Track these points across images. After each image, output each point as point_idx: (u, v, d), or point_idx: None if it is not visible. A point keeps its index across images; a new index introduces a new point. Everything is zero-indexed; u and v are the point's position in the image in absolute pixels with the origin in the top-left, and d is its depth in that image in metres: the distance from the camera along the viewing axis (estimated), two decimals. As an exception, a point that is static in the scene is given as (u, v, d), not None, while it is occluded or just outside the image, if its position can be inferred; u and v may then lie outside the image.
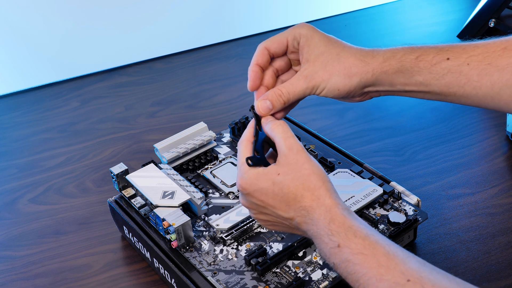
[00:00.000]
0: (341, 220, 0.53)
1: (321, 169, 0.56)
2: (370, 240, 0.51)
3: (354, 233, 0.52)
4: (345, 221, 0.53)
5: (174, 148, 0.77)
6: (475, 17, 1.09)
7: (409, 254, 0.51)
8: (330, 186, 0.55)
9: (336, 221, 0.53)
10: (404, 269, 0.49)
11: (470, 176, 0.82)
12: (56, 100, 1.06)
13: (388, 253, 0.50)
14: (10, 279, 0.73)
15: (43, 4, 1.08)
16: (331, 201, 0.54)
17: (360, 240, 0.51)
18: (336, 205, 0.54)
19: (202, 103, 1.03)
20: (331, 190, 0.55)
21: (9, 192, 0.87)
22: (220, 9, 1.20)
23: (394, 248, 0.51)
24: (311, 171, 0.56)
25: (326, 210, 0.54)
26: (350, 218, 0.53)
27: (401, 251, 0.51)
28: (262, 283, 0.62)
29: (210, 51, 1.17)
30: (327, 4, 1.26)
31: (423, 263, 0.50)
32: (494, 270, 0.69)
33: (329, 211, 0.54)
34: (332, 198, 0.55)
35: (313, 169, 0.56)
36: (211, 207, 0.72)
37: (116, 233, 0.78)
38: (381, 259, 0.50)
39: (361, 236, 0.51)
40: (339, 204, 0.54)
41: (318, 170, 0.56)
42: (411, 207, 0.69)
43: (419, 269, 0.49)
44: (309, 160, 0.56)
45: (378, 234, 0.52)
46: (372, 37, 1.18)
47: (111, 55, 1.14)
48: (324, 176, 0.56)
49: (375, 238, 0.51)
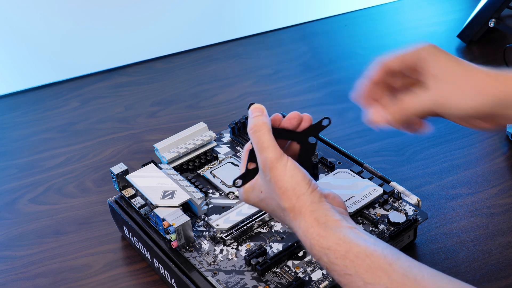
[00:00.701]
0: (319, 243, 0.53)
1: (295, 179, 0.55)
2: (350, 259, 0.51)
3: (334, 255, 0.52)
4: (322, 243, 0.52)
5: (174, 148, 0.77)
6: (475, 17, 1.09)
7: (394, 257, 0.50)
8: (305, 200, 0.54)
9: (315, 245, 0.53)
10: (388, 283, 0.49)
11: (470, 176, 0.82)
12: (56, 100, 1.06)
13: (370, 267, 0.50)
14: (10, 279, 0.73)
15: (43, 4, 1.08)
16: (304, 221, 0.54)
17: (340, 261, 0.51)
18: (310, 225, 0.53)
19: (202, 103, 1.03)
20: (306, 205, 0.54)
21: (9, 192, 0.87)
22: (220, 9, 1.20)
23: (376, 256, 0.50)
24: (285, 188, 0.55)
25: (304, 234, 0.54)
26: (327, 236, 0.52)
27: (384, 258, 0.50)
28: (262, 283, 0.62)
29: (210, 51, 1.17)
30: (327, 4, 1.26)
31: (409, 266, 0.50)
32: (494, 270, 0.69)
33: (306, 236, 0.54)
34: (306, 216, 0.54)
35: (286, 186, 0.55)
36: (211, 207, 0.72)
37: (116, 233, 0.78)
38: (365, 276, 0.50)
39: (340, 257, 0.51)
40: (314, 221, 0.53)
41: (291, 184, 0.54)
42: (411, 207, 0.69)
43: (403, 274, 0.49)
44: (281, 175, 0.55)
45: (358, 244, 0.51)
46: (372, 37, 1.18)
47: (111, 55, 1.14)
48: (298, 189, 0.54)
49: (354, 253, 0.51)
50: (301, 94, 1.02)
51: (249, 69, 1.11)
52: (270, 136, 0.56)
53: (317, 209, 0.54)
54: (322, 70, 1.09)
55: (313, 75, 1.08)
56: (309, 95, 1.02)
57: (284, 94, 1.03)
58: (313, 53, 1.14)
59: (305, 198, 0.54)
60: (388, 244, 0.53)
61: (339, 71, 1.08)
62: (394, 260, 0.50)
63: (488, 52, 1.09)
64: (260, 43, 1.19)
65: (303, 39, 1.19)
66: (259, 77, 1.08)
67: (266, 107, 0.93)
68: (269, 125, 0.57)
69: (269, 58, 1.14)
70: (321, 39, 1.19)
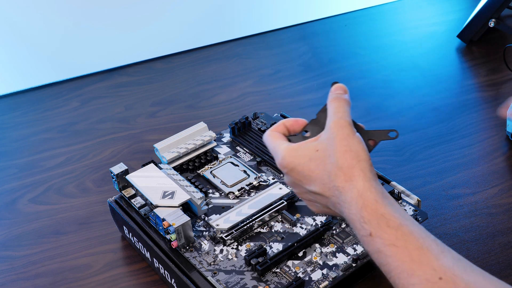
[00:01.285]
0: (374, 206, 0.51)
1: (360, 146, 0.54)
2: (403, 231, 0.49)
3: (386, 223, 0.50)
4: (378, 208, 0.51)
5: (174, 148, 0.76)
6: (475, 17, 1.09)
7: (445, 248, 0.49)
8: (365, 166, 0.53)
9: (368, 207, 0.51)
10: (436, 266, 0.47)
11: (470, 176, 0.82)
12: (56, 100, 1.06)
13: (422, 246, 0.48)
14: (10, 279, 0.73)
15: (43, 4, 1.08)
16: (363, 183, 0.52)
17: (392, 230, 0.49)
18: (369, 188, 0.52)
19: (202, 103, 1.03)
20: (366, 170, 0.53)
21: (9, 192, 0.87)
22: (220, 9, 1.20)
23: (429, 241, 0.49)
24: (348, 148, 0.53)
25: (358, 194, 0.52)
26: (384, 204, 0.51)
27: (436, 245, 0.49)
28: (262, 283, 0.62)
29: (210, 51, 1.17)
30: (327, 4, 1.26)
31: (458, 260, 0.48)
32: (494, 270, 0.69)
33: (361, 196, 0.52)
34: (365, 179, 0.52)
35: (351, 146, 0.53)
36: (211, 207, 0.72)
37: (116, 233, 0.78)
38: (413, 253, 0.48)
39: (394, 226, 0.50)
40: (373, 187, 0.52)
41: (356, 147, 0.53)
42: (411, 207, 0.69)
43: (453, 266, 0.47)
44: (349, 136, 0.54)
45: (412, 224, 0.50)
46: (372, 37, 1.18)
47: (111, 55, 1.14)
48: (361, 154, 0.53)
49: (409, 229, 0.50)
50: (301, 94, 1.02)
51: (249, 69, 1.11)
52: (348, 109, 0.57)
53: (375, 179, 0.53)
54: (322, 70, 1.09)
55: (313, 75, 1.08)
56: (309, 95, 1.02)
57: (284, 94, 1.03)
58: (313, 53, 1.14)
59: (366, 165, 0.53)
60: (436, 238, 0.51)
61: (339, 71, 1.08)
62: (446, 249, 0.49)
63: (488, 52, 1.09)
64: (260, 43, 1.18)
65: (303, 39, 1.19)
66: (259, 77, 1.08)
67: (266, 107, 0.93)
68: (349, 104, 0.58)
69: (269, 58, 1.14)
70: (321, 39, 1.18)
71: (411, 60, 1.09)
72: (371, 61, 1.10)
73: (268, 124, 0.84)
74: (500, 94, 0.98)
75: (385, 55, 1.12)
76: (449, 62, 1.09)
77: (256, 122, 0.85)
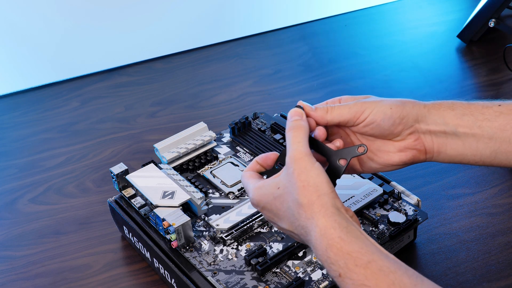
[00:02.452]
0: (338, 245, 0.49)
1: (320, 179, 0.51)
2: (373, 269, 0.47)
3: (354, 261, 0.48)
4: (343, 246, 0.49)
5: (174, 148, 0.77)
6: (475, 17, 1.09)
7: (418, 279, 0.47)
8: (326, 200, 0.51)
9: (333, 247, 0.49)
10: None
11: (470, 176, 0.82)
12: (56, 100, 1.06)
13: (394, 283, 0.47)
14: (10, 279, 0.73)
15: (43, 4, 1.08)
16: (325, 220, 0.50)
17: (361, 270, 0.47)
18: (332, 225, 0.49)
19: (202, 103, 1.03)
20: (327, 205, 0.50)
21: (9, 192, 0.87)
22: (220, 9, 1.20)
23: (400, 274, 0.47)
24: (306, 182, 0.51)
25: (321, 233, 0.50)
26: (349, 241, 0.49)
27: (408, 277, 0.47)
28: (262, 283, 0.62)
29: (210, 51, 1.17)
30: (327, 4, 1.26)
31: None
32: (494, 270, 0.69)
33: (324, 235, 0.49)
34: (327, 216, 0.50)
35: (309, 180, 0.51)
36: (211, 207, 0.72)
37: (116, 233, 0.78)
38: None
39: (362, 265, 0.48)
40: (336, 223, 0.50)
41: (314, 180, 0.51)
42: (411, 207, 0.69)
43: None
44: (306, 169, 0.52)
45: (381, 258, 0.48)
46: (372, 37, 1.18)
47: (111, 55, 1.14)
48: (321, 188, 0.51)
49: (378, 264, 0.48)
50: (301, 94, 1.02)
51: (249, 69, 1.11)
52: (305, 137, 0.55)
53: (338, 213, 0.50)
54: (322, 70, 1.09)
55: (313, 75, 1.08)
56: (309, 95, 1.02)
57: (284, 94, 1.03)
58: (313, 53, 1.14)
59: (327, 199, 0.51)
60: (408, 267, 0.50)
61: (339, 71, 1.08)
62: (419, 282, 0.47)
63: (488, 52, 1.09)
64: (260, 43, 1.18)
65: (303, 39, 1.19)
66: (259, 77, 1.08)
67: (266, 107, 0.93)
68: (307, 130, 0.56)
69: (269, 58, 1.14)
70: (321, 39, 1.18)
71: (411, 60, 1.09)
72: (371, 61, 1.10)
73: (268, 124, 0.84)
74: (500, 94, 0.98)
75: (385, 55, 1.12)
76: (449, 62, 1.09)
77: (256, 122, 0.85)
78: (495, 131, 0.55)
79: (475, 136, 0.57)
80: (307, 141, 0.55)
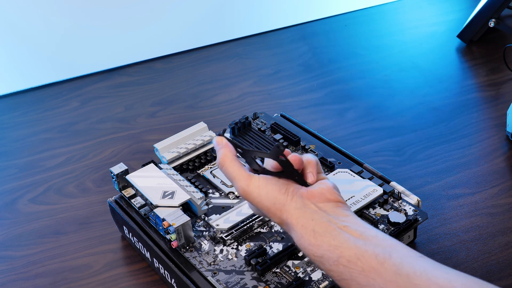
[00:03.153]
0: (311, 252, 0.53)
1: (272, 194, 0.55)
2: (343, 264, 0.51)
3: (328, 262, 0.52)
4: (315, 252, 0.53)
5: (174, 148, 0.77)
6: (475, 17, 1.09)
7: (386, 255, 0.49)
8: (288, 211, 0.55)
9: (309, 255, 0.53)
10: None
11: (470, 176, 0.82)
12: (56, 100, 1.06)
13: (363, 269, 0.50)
14: (10, 279, 0.73)
15: (43, 4, 1.08)
16: (295, 232, 0.54)
17: (334, 267, 0.51)
18: (300, 234, 0.54)
19: (202, 103, 1.03)
20: (291, 214, 0.54)
21: (9, 192, 0.87)
22: (220, 9, 1.20)
23: (367, 257, 0.50)
24: (266, 208, 0.56)
25: (297, 244, 0.55)
26: (317, 244, 0.52)
27: (375, 258, 0.50)
28: (262, 283, 0.62)
29: (210, 51, 1.17)
30: (327, 4, 1.26)
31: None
32: (494, 270, 0.69)
33: (300, 246, 0.54)
34: (294, 227, 0.54)
35: (267, 205, 0.56)
36: (211, 207, 0.72)
37: (116, 233, 0.78)
38: (358, 278, 0.50)
39: (334, 263, 0.51)
40: (303, 229, 0.54)
41: (270, 202, 0.55)
42: (411, 207, 0.69)
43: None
44: (258, 197, 0.56)
45: (349, 247, 0.51)
46: (372, 37, 1.18)
47: (111, 55, 1.14)
48: (278, 203, 0.55)
49: (346, 257, 0.51)
50: (301, 94, 1.02)
51: (249, 69, 1.11)
52: (234, 167, 0.57)
53: (302, 214, 0.54)
54: (322, 70, 1.09)
55: (313, 75, 1.08)
56: (309, 95, 1.02)
57: (284, 94, 1.03)
58: (313, 53, 1.14)
59: (288, 208, 0.55)
60: (381, 234, 0.52)
61: (339, 71, 1.08)
62: (386, 258, 0.49)
63: (488, 52, 1.09)
64: (260, 43, 1.19)
65: (303, 39, 1.19)
66: (259, 77, 1.08)
67: (266, 107, 0.93)
68: (231, 155, 0.58)
69: (269, 58, 1.14)
70: (321, 39, 1.19)
71: (411, 60, 1.09)
72: (371, 61, 1.10)
73: (268, 124, 0.84)
74: (500, 94, 0.98)
75: (385, 55, 1.12)
76: (449, 62, 1.09)
77: (256, 122, 0.85)
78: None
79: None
80: (238, 169, 0.57)
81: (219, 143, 0.59)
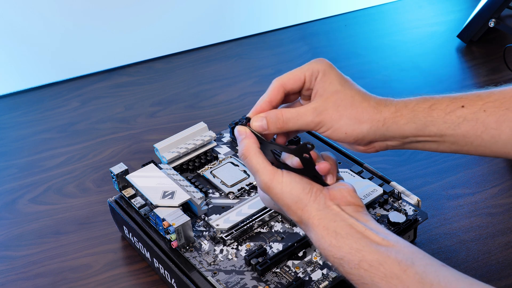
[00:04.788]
0: (331, 253, 0.52)
1: (294, 191, 0.54)
2: (364, 268, 0.50)
3: (348, 265, 0.51)
4: (335, 254, 0.52)
5: (174, 148, 0.77)
6: (475, 17, 1.09)
7: (408, 262, 0.49)
8: (310, 211, 0.54)
9: (328, 256, 0.53)
10: None
11: (470, 176, 0.82)
12: (56, 100, 1.06)
13: (385, 275, 0.49)
14: (10, 279, 0.73)
15: (43, 4, 1.08)
16: (314, 233, 0.54)
17: (355, 271, 0.50)
18: (321, 235, 0.53)
19: (202, 103, 1.03)
20: (312, 215, 0.54)
21: (9, 192, 0.87)
22: (220, 9, 1.20)
23: (390, 263, 0.49)
24: (287, 205, 0.55)
25: (316, 245, 0.54)
26: (339, 246, 0.52)
27: (398, 265, 0.49)
28: (262, 283, 0.62)
29: (210, 51, 1.17)
30: (327, 4, 1.26)
31: None
32: (494, 270, 0.69)
33: (319, 247, 0.54)
34: (315, 226, 0.53)
35: (288, 202, 0.55)
36: (211, 207, 0.72)
37: (116, 233, 0.78)
38: (380, 283, 0.49)
39: (354, 267, 0.51)
40: (324, 230, 0.53)
41: (292, 200, 0.54)
42: (411, 207, 0.69)
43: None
44: (280, 193, 0.55)
45: (370, 252, 0.50)
46: (372, 37, 1.18)
47: (111, 55, 1.14)
48: (300, 202, 0.54)
49: (367, 261, 0.50)
50: (301, 94, 1.02)
51: (249, 69, 1.11)
52: (258, 159, 0.56)
53: (324, 216, 0.53)
54: (322, 70, 1.09)
55: (313, 75, 1.07)
56: (309, 95, 1.02)
57: (284, 94, 1.03)
58: (313, 53, 1.14)
59: (309, 209, 0.54)
60: (404, 242, 0.51)
61: (339, 71, 1.08)
62: (409, 266, 0.48)
63: (488, 52, 1.09)
64: (260, 43, 1.19)
65: (303, 39, 1.19)
66: (259, 77, 1.08)
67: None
68: (255, 146, 0.56)
69: (269, 58, 1.14)
70: (321, 39, 1.19)
71: (411, 60, 1.09)
72: (371, 61, 1.10)
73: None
74: (500, 94, 0.98)
75: (385, 55, 1.12)
76: (449, 62, 1.09)
77: (256, 122, 0.84)
78: (457, 139, 0.55)
79: (436, 142, 0.56)
80: (262, 161, 0.55)
81: (242, 133, 0.57)
